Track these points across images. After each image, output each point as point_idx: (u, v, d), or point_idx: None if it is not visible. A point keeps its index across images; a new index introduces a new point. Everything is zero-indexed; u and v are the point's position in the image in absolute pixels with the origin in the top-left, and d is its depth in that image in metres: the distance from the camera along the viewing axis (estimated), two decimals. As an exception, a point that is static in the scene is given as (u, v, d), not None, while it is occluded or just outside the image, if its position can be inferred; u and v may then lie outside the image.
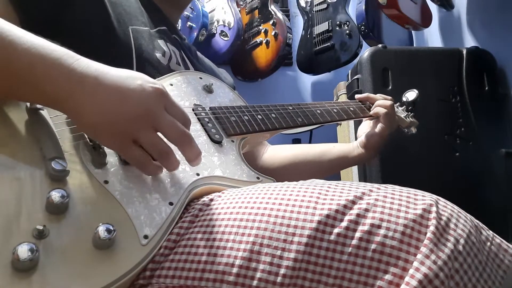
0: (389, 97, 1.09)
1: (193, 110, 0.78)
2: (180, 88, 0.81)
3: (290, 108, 0.91)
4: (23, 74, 0.56)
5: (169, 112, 0.60)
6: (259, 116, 0.84)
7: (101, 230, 0.52)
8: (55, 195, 0.52)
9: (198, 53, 1.11)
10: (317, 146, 1.12)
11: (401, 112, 1.13)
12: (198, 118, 0.77)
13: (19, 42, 0.56)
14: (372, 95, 1.10)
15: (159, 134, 0.60)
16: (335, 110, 0.98)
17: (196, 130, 0.74)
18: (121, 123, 0.57)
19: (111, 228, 0.52)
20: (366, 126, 1.10)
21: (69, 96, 0.56)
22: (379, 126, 1.05)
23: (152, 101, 0.58)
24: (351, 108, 1.02)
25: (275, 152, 1.12)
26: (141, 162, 0.60)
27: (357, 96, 1.10)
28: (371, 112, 1.06)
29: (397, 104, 1.14)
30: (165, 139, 0.60)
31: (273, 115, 0.86)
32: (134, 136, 0.58)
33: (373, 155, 1.08)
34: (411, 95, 1.15)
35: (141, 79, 0.59)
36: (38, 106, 0.61)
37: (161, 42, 0.91)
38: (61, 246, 0.51)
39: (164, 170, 0.63)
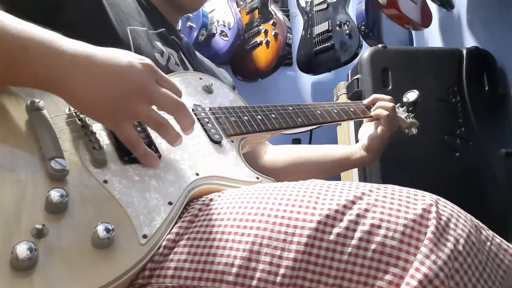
0: (390, 98, 1.09)
1: (192, 110, 0.78)
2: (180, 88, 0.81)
3: (290, 108, 0.90)
4: (14, 58, 0.56)
5: (160, 85, 0.62)
6: (259, 117, 0.84)
7: (100, 229, 0.52)
8: (54, 194, 0.52)
9: (197, 54, 1.11)
10: (320, 147, 1.12)
11: (401, 112, 1.13)
12: (197, 118, 0.77)
13: (10, 27, 0.57)
14: (377, 96, 1.09)
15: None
16: (335, 111, 0.98)
17: (195, 130, 0.74)
18: (116, 100, 0.58)
19: (110, 227, 0.52)
20: (367, 128, 1.10)
21: (61, 78, 0.57)
22: (380, 128, 1.04)
23: (143, 76, 0.60)
24: (351, 109, 1.02)
25: (277, 153, 1.12)
26: (133, 143, 0.62)
27: (365, 101, 1.10)
28: (372, 113, 1.06)
29: (397, 105, 1.14)
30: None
31: (273, 115, 0.86)
32: (130, 111, 0.59)
33: (376, 158, 1.08)
34: (411, 95, 1.14)
35: (130, 56, 0.60)
36: (38, 105, 0.61)
37: (159, 43, 0.91)
38: (60, 245, 0.51)
39: (163, 170, 0.64)
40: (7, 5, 0.72)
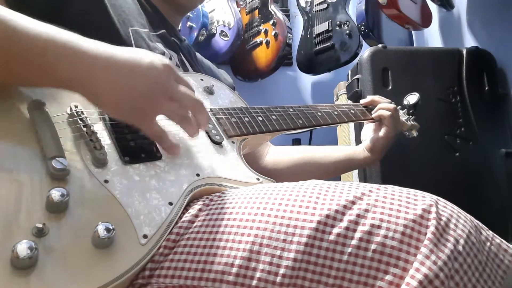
0: (389, 100, 1.10)
1: None
2: None
3: (291, 110, 0.91)
4: (35, 59, 0.57)
5: (178, 83, 0.65)
6: (260, 118, 0.84)
7: (101, 229, 0.52)
8: (55, 193, 0.52)
9: (198, 55, 1.11)
10: (322, 148, 1.12)
11: (402, 115, 1.13)
12: None
13: (29, 28, 0.57)
14: (376, 98, 1.10)
15: None
16: (336, 113, 0.98)
17: None
18: (140, 98, 0.60)
19: (111, 227, 0.52)
20: (369, 129, 1.10)
21: (85, 77, 0.58)
22: (384, 128, 1.05)
23: (164, 75, 0.62)
24: (352, 111, 1.02)
25: (280, 154, 1.12)
26: (161, 136, 0.64)
27: (362, 101, 1.10)
28: (374, 115, 1.06)
29: (398, 107, 1.14)
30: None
31: (274, 116, 0.86)
32: (154, 108, 0.61)
33: (379, 158, 1.08)
34: (412, 98, 1.15)
35: (151, 56, 0.63)
36: (40, 105, 0.61)
37: (160, 45, 0.91)
38: (60, 244, 0.51)
39: (164, 170, 0.64)
40: (14, 5, 0.72)
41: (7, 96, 0.61)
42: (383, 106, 1.06)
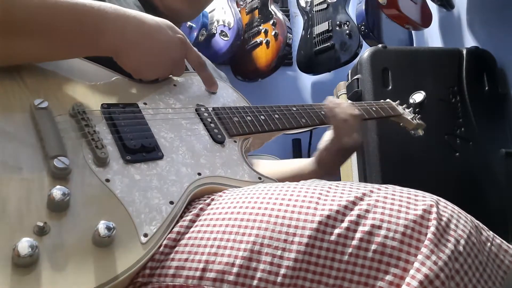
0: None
1: (196, 110, 0.78)
2: (184, 89, 0.81)
3: (294, 109, 0.90)
4: (75, 30, 0.65)
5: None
6: (262, 117, 0.83)
7: (101, 227, 0.52)
8: (57, 192, 0.52)
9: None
10: (286, 163, 1.04)
11: (408, 114, 1.13)
12: (201, 118, 0.77)
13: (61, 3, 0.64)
14: (331, 98, 0.96)
15: None
16: None
17: (198, 130, 0.74)
18: (163, 61, 0.75)
19: (111, 226, 0.52)
20: (325, 136, 0.97)
21: (125, 46, 0.69)
22: (330, 137, 0.94)
23: (182, 41, 0.77)
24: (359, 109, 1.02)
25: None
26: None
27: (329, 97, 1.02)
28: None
29: (404, 106, 1.14)
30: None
31: (276, 115, 0.86)
32: (173, 63, 0.78)
33: (328, 173, 0.94)
34: (418, 96, 1.14)
35: (170, 29, 0.76)
36: (42, 106, 0.61)
37: None
38: (61, 243, 0.51)
39: (165, 169, 0.64)
40: None
41: (10, 95, 0.62)
42: (336, 110, 0.91)
